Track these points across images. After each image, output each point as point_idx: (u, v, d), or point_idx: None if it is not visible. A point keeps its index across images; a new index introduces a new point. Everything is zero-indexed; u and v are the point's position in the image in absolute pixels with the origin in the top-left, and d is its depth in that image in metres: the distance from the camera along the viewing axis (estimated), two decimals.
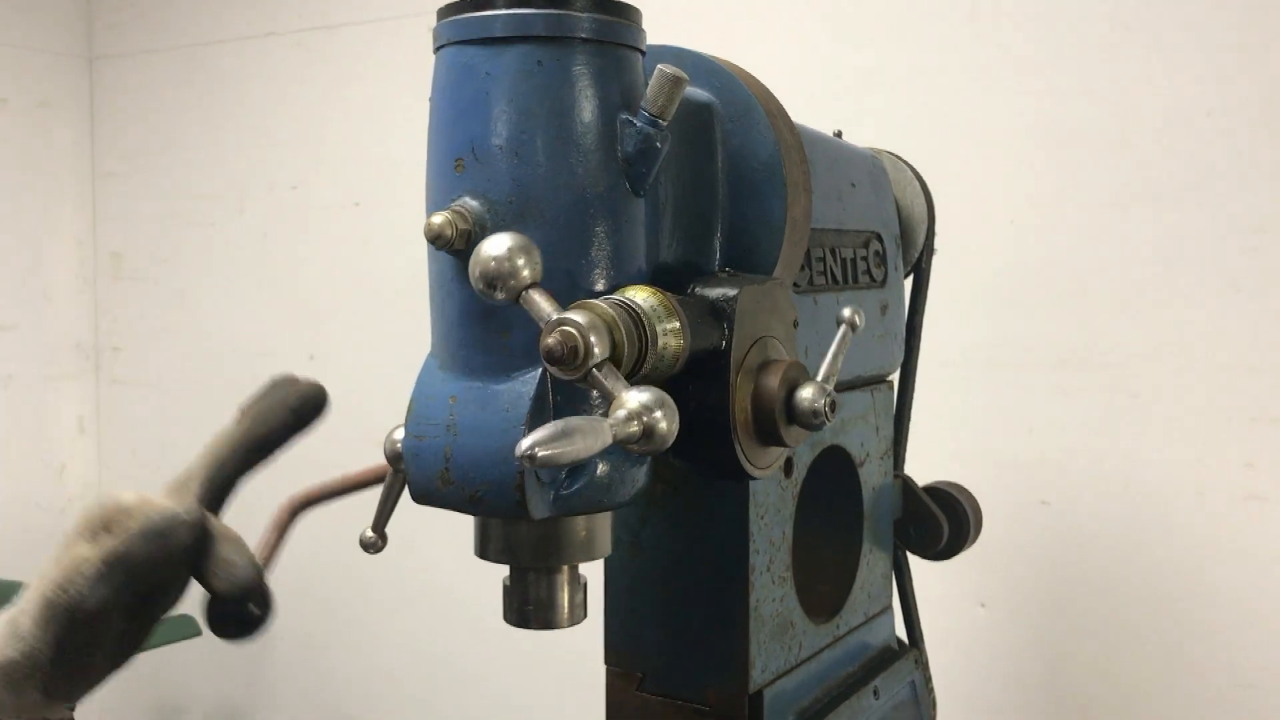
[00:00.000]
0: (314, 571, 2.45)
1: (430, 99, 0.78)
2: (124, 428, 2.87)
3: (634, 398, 0.64)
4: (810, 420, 0.77)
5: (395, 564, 2.36)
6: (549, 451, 0.60)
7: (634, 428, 0.64)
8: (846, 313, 0.84)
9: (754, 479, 0.80)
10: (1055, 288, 1.66)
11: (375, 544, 0.85)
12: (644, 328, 0.69)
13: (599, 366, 0.65)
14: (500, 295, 0.67)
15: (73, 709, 0.83)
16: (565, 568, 0.80)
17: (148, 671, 2.72)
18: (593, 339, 0.65)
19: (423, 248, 0.75)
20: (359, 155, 2.39)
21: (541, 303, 0.66)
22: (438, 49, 0.77)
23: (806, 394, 0.77)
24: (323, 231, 2.46)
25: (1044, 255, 1.66)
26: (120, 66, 2.79)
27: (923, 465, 1.25)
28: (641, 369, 0.69)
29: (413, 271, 0.86)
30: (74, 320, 2.82)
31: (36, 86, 2.75)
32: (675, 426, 0.65)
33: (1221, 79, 1.53)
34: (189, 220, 2.68)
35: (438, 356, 0.79)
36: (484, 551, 0.80)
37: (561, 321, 0.65)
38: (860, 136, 1.20)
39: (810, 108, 1.10)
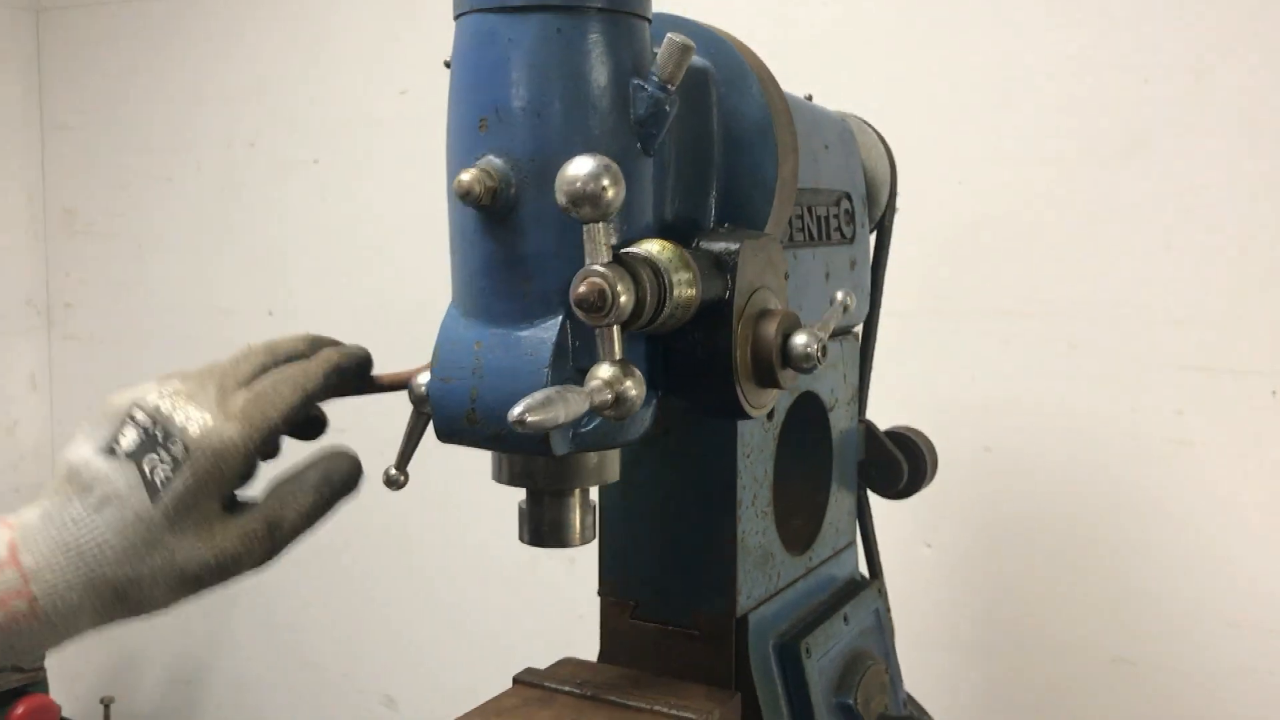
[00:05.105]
0: None
1: (451, 61, 0.83)
2: (76, 384, 2.86)
3: (607, 369, 0.72)
4: (803, 364, 0.85)
5: (349, 514, 2.41)
6: (537, 417, 0.67)
7: (606, 395, 0.72)
8: (840, 295, 0.96)
9: (751, 417, 0.87)
10: (999, 242, 1.75)
11: (397, 480, 0.90)
12: (662, 279, 0.76)
13: (613, 325, 0.72)
14: (581, 214, 0.71)
15: None
16: (577, 490, 0.86)
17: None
18: (620, 289, 0.71)
19: (385, 206, 0.79)
20: (317, 112, 2.40)
21: (599, 240, 0.72)
22: (458, 16, 0.82)
23: (800, 340, 0.85)
24: (281, 188, 2.46)
25: (990, 212, 1.75)
26: (68, 18, 2.76)
27: (872, 412, 1.33)
28: (660, 316, 0.76)
29: (371, 229, 0.90)
30: (25, 276, 2.80)
31: None
32: (642, 394, 0.73)
33: (1159, 47, 1.62)
34: (145, 175, 2.67)
35: (460, 305, 0.84)
36: (502, 476, 0.87)
37: (591, 272, 0.71)
38: (820, 99, 1.27)
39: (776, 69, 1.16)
